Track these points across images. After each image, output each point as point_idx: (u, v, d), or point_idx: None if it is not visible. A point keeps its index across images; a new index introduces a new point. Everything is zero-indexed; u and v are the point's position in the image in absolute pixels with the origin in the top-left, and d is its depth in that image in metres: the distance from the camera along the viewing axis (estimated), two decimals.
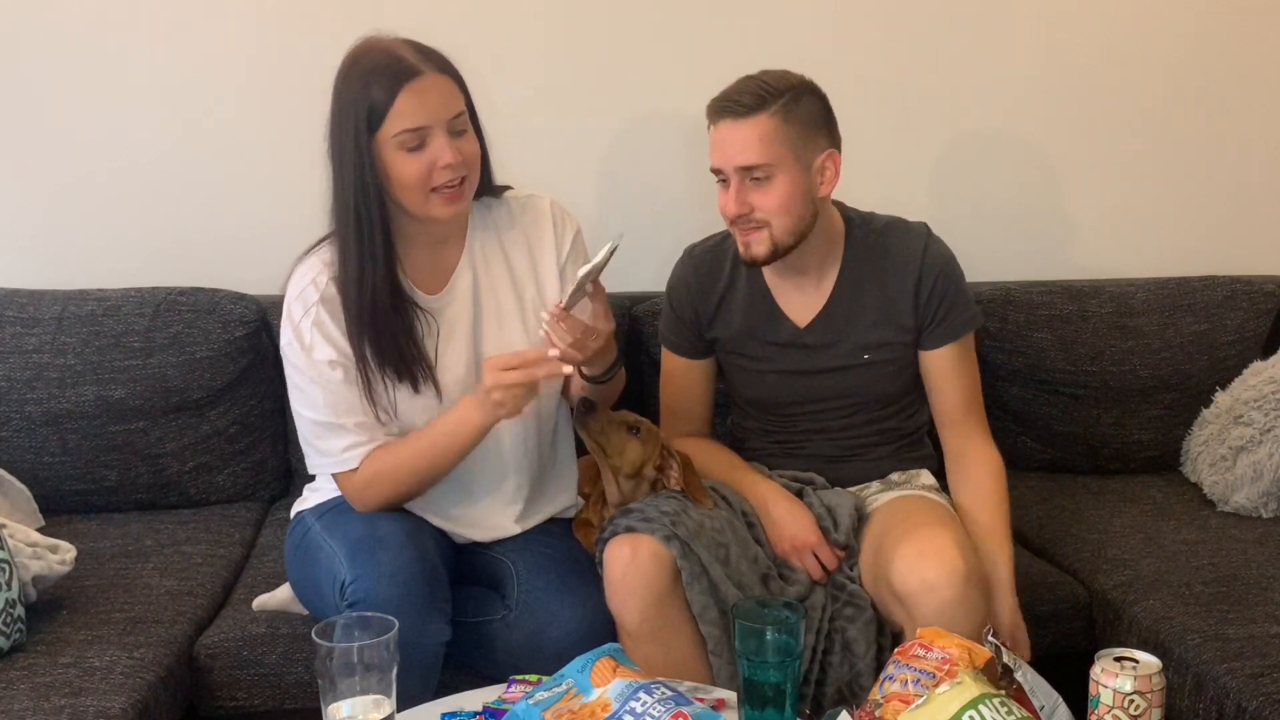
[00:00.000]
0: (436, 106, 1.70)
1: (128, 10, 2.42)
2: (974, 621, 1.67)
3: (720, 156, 1.87)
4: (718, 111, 1.86)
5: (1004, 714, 1.29)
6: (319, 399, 1.79)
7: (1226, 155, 2.76)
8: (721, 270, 2.03)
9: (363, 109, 1.69)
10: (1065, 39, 2.67)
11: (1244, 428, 2.37)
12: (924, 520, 1.83)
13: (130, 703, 1.67)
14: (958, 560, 1.71)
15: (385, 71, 1.69)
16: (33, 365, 2.27)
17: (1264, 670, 1.76)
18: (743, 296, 2.02)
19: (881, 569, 1.80)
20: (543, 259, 1.92)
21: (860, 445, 2.05)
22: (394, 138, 1.69)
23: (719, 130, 1.86)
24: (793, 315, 2.00)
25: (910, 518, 1.86)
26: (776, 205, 1.86)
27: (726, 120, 1.84)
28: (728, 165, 1.86)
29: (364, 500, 1.83)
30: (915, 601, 1.71)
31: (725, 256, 2.04)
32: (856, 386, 2.01)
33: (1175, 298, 2.58)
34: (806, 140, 1.85)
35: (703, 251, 2.07)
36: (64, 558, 1.89)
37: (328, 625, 1.36)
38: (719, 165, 1.87)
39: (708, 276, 2.04)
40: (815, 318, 1.99)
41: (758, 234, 1.88)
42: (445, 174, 1.72)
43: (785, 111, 1.83)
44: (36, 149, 2.46)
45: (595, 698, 1.41)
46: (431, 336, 1.83)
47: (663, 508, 1.82)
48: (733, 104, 1.84)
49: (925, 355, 1.99)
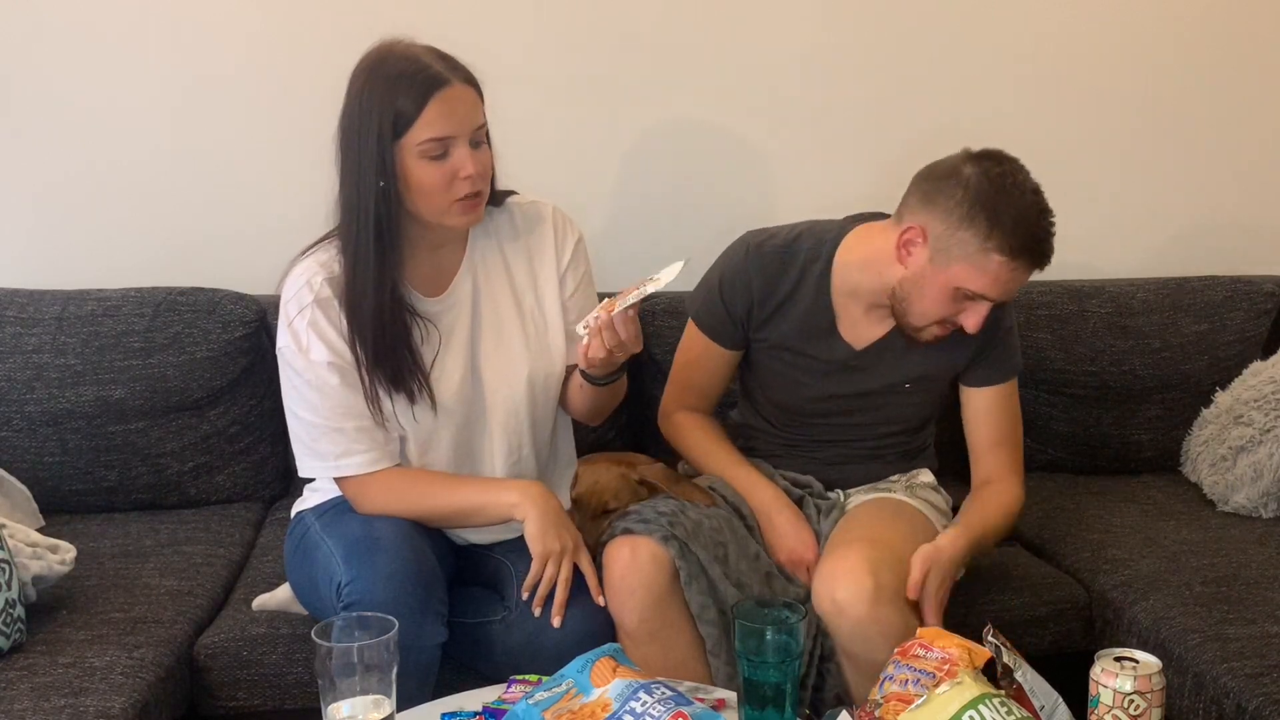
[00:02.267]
0: (463, 117, 1.71)
1: (128, 10, 2.42)
2: (891, 639, 1.61)
3: (1002, 293, 1.82)
4: (1025, 255, 1.79)
5: (1004, 714, 1.29)
6: (316, 401, 1.78)
7: (1226, 155, 2.76)
8: (788, 275, 1.97)
9: (388, 115, 1.68)
10: (1065, 38, 2.67)
11: (1244, 428, 2.37)
12: (855, 535, 1.83)
13: (130, 703, 1.67)
14: (865, 579, 1.70)
15: (414, 79, 1.68)
16: (33, 365, 2.27)
17: (1264, 670, 1.76)
18: (805, 306, 1.97)
19: (812, 597, 1.79)
20: (543, 268, 1.91)
21: (869, 456, 2.05)
22: (418, 145, 1.69)
23: (1017, 272, 1.80)
24: (850, 338, 1.97)
25: (849, 530, 1.86)
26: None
27: (1029, 266, 1.80)
28: (999, 298, 1.83)
29: (367, 508, 1.82)
30: (830, 623, 1.74)
31: (795, 261, 1.97)
32: (887, 410, 2.01)
33: (1175, 298, 2.58)
34: None
35: (772, 250, 1.98)
36: (64, 558, 1.89)
37: (327, 625, 1.36)
38: (996, 298, 1.82)
39: (774, 279, 1.96)
40: (873, 344, 1.97)
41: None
42: (465, 185, 1.73)
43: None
44: (37, 149, 2.46)
45: (595, 698, 1.41)
46: (430, 344, 1.82)
47: (660, 508, 1.83)
48: (1044, 257, 1.81)
49: (966, 392, 2.00)
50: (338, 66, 1.76)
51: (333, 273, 1.79)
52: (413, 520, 1.80)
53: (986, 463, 2.00)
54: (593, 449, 2.25)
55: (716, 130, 2.60)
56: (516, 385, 1.87)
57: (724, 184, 2.60)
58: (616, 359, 1.75)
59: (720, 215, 2.11)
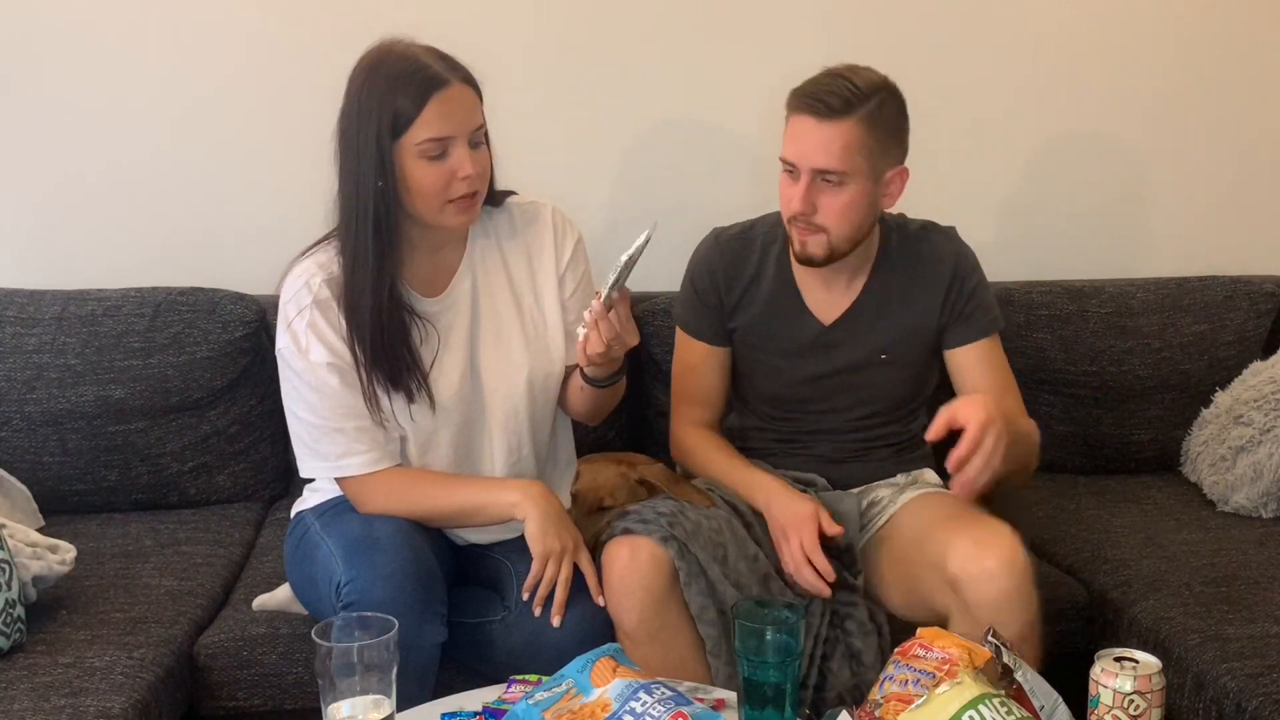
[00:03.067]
0: (462, 118, 1.71)
1: (128, 11, 2.42)
2: (1027, 615, 1.70)
3: (796, 152, 1.82)
4: (801, 106, 1.81)
5: (1004, 714, 1.29)
6: (316, 402, 1.79)
7: (1227, 155, 2.76)
8: (749, 258, 2.01)
9: (387, 114, 1.69)
10: (1064, 38, 2.67)
11: (1244, 428, 2.37)
12: (977, 513, 1.83)
13: (130, 703, 1.67)
14: (1017, 553, 1.72)
15: (413, 78, 1.69)
16: (33, 365, 2.27)
17: (1264, 670, 1.76)
18: (769, 287, 2.00)
19: (934, 555, 1.78)
20: (542, 268, 1.92)
21: (862, 448, 2.05)
22: (417, 145, 1.70)
23: (799, 125, 1.82)
24: (818, 312, 1.99)
25: (960, 510, 1.85)
26: (840, 212, 1.84)
27: (809, 117, 1.80)
28: (803, 163, 1.82)
29: (367, 507, 1.82)
30: (974, 588, 1.71)
31: (754, 245, 2.02)
32: (869, 387, 2.01)
33: (1175, 298, 2.58)
34: (885, 152, 1.83)
35: (730, 237, 2.04)
36: (64, 558, 1.89)
37: (327, 625, 1.36)
38: (793, 160, 1.83)
39: (735, 263, 2.01)
40: (841, 316, 1.98)
41: (816, 237, 1.86)
42: (463, 185, 1.73)
43: (870, 119, 1.80)
44: (36, 149, 2.46)
45: (595, 698, 1.41)
46: (429, 344, 1.82)
47: (660, 509, 1.83)
48: (819, 103, 1.79)
49: (951, 354, 1.99)
50: (338, 67, 1.76)
51: (331, 274, 1.79)
52: (414, 520, 1.81)
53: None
54: (593, 449, 2.25)
55: (716, 131, 2.60)
56: (516, 385, 1.87)
57: (723, 184, 2.60)
58: (615, 354, 1.74)
59: (720, 216, 2.11)
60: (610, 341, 1.70)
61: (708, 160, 2.61)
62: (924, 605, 1.83)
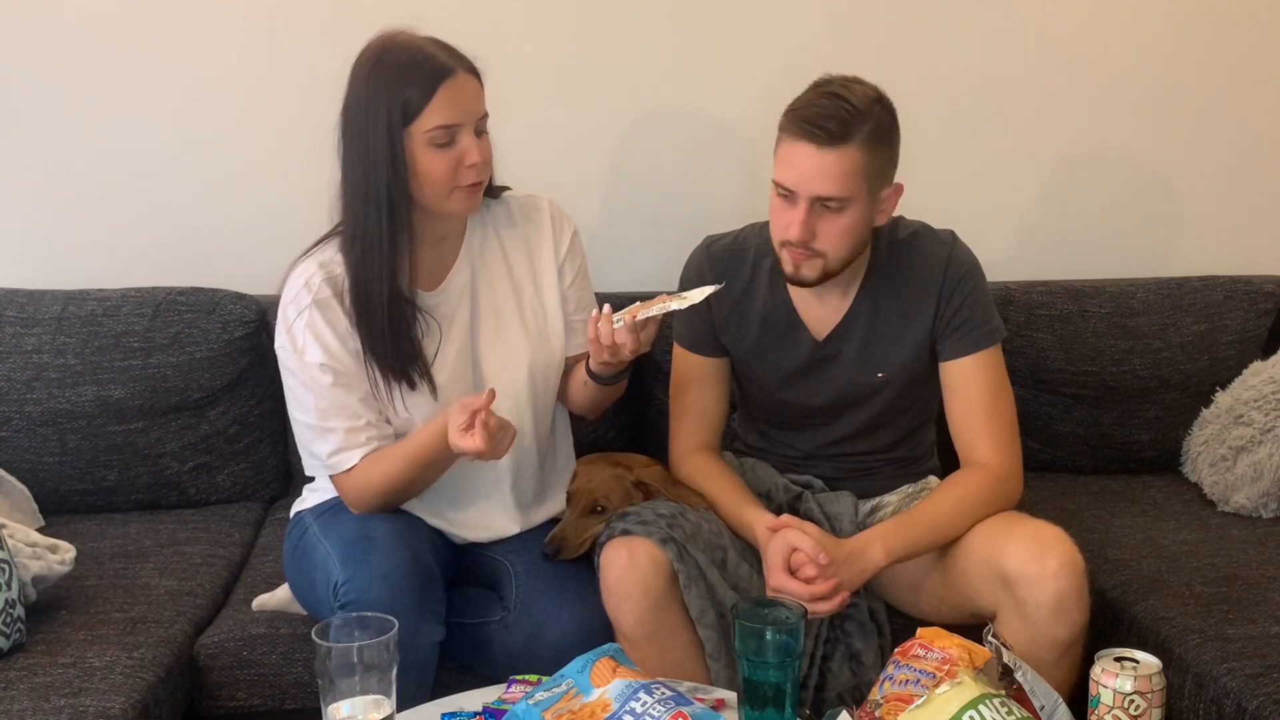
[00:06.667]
0: (468, 106, 1.74)
1: (128, 9, 2.42)
2: (1081, 618, 1.71)
3: (795, 179, 1.76)
4: (800, 132, 1.74)
5: (1004, 714, 1.29)
6: (309, 402, 1.80)
7: (1226, 156, 2.76)
8: (741, 272, 1.96)
9: (396, 103, 1.70)
10: (1062, 38, 2.67)
11: (1244, 428, 2.37)
12: (1024, 514, 1.83)
13: (130, 703, 1.67)
14: (1076, 555, 1.72)
15: (421, 67, 1.71)
16: (33, 365, 2.26)
17: (1264, 670, 1.75)
18: (762, 302, 1.95)
19: (984, 551, 1.77)
20: (541, 259, 1.94)
21: (865, 469, 2.02)
22: (426, 133, 1.71)
23: (797, 151, 1.75)
24: (812, 326, 1.94)
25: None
26: (840, 236, 1.79)
27: (808, 144, 1.73)
28: (802, 190, 1.75)
29: (358, 504, 1.83)
30: (1032, 585, 1.69)
31: (745, 258, 1.97)
32: (868, 407, 1.96)
33: (1175, 298, 2.58)
34: (881, 172, 1.79)
35: (721, 249, 1.99)
36: (64, 558, 1.89)
37: (327, 625, 1.36)
38: (791, 187, 1.76)
39: (725, 276, 1.93)
40: (834, 329, 1.93)
41: (812, 261, 1.81)
42: (470, 173, 1.76)
43: (869, 141, 1.74)
44: (36, 149, 2.46)
45: (595, 698, 1.41)
46: (431, 337, 1.83)
47: (659, 510, 1.82)
48: (819, 130, 1.72)
49: (942, 367, 1.93)
50: (338, 66, 1.77)
51: (332, 273, 1.79)
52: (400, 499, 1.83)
53: (960, 440, 1.92)
54: (592, 449, 2.24)
55: (712, 124, 2.59)
56: (518, 375, 1.88)
57: (719, 178, 2.59)
58: (625, 357, 1.77)
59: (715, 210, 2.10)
60: (632, 350, 1.74)
61: (703, 155, 2.61)
62: (958, 601, 1.81)
